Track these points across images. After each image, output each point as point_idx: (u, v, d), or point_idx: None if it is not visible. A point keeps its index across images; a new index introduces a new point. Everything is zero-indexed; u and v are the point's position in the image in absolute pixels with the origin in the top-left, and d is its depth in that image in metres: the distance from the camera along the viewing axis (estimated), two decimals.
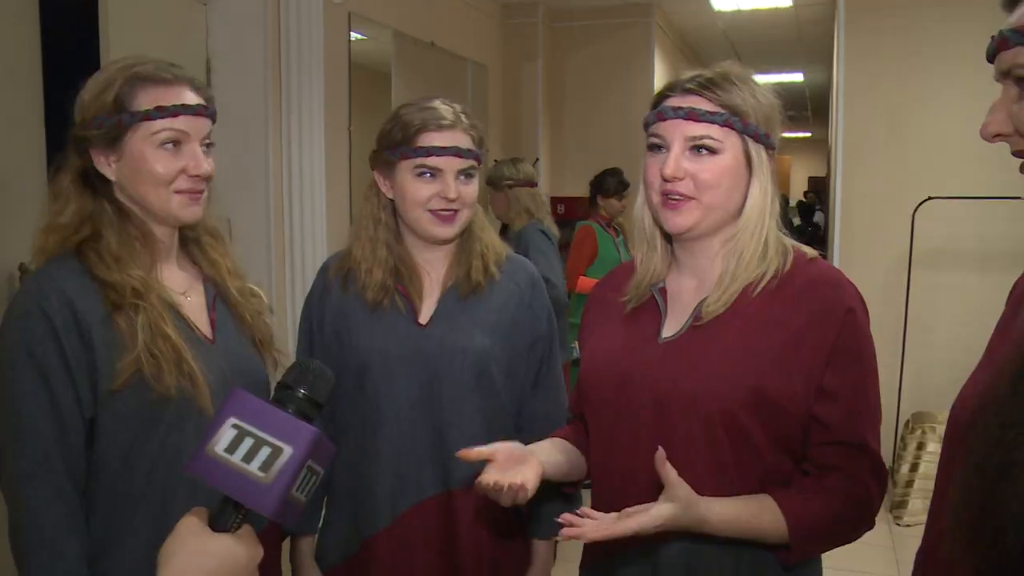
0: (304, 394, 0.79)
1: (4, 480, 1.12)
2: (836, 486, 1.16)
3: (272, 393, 0.80)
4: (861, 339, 1.17)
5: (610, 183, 4.48)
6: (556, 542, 1.62)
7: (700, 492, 1.12)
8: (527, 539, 1.59)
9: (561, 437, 1.37)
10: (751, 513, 1.14)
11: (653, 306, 1.28)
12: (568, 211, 5.83)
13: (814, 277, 1.20)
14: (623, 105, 5.95)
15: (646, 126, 1.25)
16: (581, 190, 4.86)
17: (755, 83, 1.22)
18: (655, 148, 1.22)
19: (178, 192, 1.22)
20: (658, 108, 1.22)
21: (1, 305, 2.52)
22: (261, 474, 0.73)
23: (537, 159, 5.78)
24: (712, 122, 1.17)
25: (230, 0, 3.34)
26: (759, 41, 7.11)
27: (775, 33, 6.86)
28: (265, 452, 0.74)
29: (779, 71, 9.08)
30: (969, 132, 4.45)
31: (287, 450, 0.74)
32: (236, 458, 0.74)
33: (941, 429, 4.34)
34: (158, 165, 1.20)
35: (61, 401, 1.11)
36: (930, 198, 4.25)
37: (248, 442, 0.74)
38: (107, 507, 1.16)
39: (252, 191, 3.39)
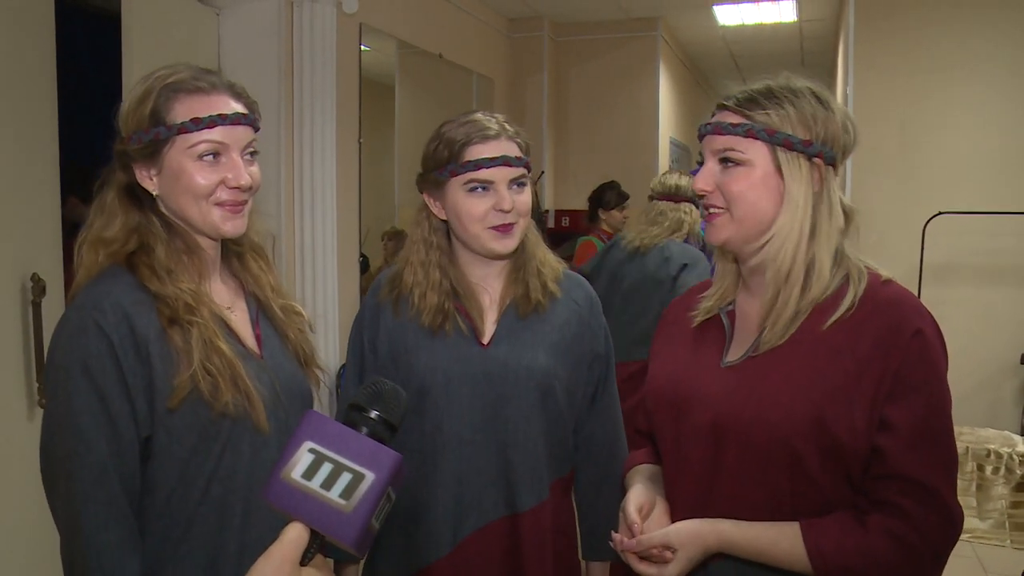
0: (378, 416, 0.75)
1: (59, 500, 1.08)
2: (879, 523, 1.06)
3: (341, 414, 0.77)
4: (929, 366, 1.07)
5: (609, 196, 4.48)
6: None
7: (753, 520, 1.10)
8: (582, 561, 1.56)
9: (648, 463, 1.32)
10: (769, 539, 1.09)
11: (720, 328, 1.23)
12: (572, 224, 5.82)
13: (882, 300, 1.11)
14: (628, 118, 5.95)
15: None
16: (586, 203, 4.85)
17: (806, 92, 1.16)
18: (700, 165, 1.22)
19: (219, 204, 1.19)
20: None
21: (17, 315, 2.50)
22: (343, 502, 0.69)
23: (542, 172, 5.76)
24: (734, 134, 1.15)
25: (243, 10, 3.31)
26: (762, 55, 7.13)
27: (777, 47, 6.88)
28: (346, 478, 0.70)
29: None
30: (979, 146, 4.46)
31: (369, 476, 0.70)
32: (315, 484, 0.70)
33: None
34: (197, 177, 1.16)
35: (118, 420, 1.07)
36: (940, 213, 4.24)
37: (327, 468, 0.71)
38: (161, 526, 1.12)
39: (263, 201, 3.34)
